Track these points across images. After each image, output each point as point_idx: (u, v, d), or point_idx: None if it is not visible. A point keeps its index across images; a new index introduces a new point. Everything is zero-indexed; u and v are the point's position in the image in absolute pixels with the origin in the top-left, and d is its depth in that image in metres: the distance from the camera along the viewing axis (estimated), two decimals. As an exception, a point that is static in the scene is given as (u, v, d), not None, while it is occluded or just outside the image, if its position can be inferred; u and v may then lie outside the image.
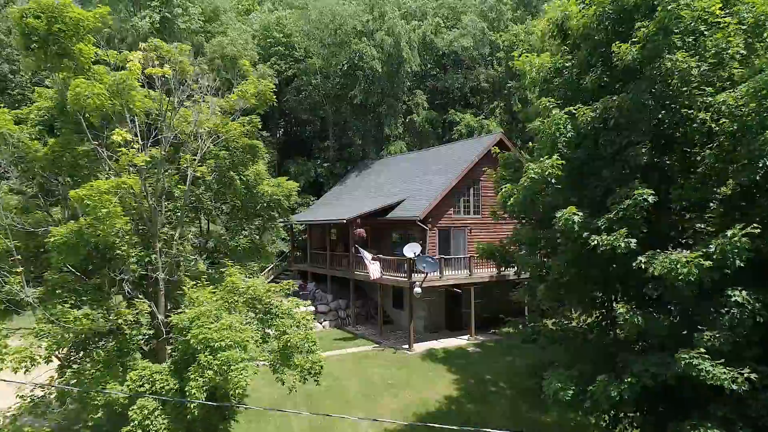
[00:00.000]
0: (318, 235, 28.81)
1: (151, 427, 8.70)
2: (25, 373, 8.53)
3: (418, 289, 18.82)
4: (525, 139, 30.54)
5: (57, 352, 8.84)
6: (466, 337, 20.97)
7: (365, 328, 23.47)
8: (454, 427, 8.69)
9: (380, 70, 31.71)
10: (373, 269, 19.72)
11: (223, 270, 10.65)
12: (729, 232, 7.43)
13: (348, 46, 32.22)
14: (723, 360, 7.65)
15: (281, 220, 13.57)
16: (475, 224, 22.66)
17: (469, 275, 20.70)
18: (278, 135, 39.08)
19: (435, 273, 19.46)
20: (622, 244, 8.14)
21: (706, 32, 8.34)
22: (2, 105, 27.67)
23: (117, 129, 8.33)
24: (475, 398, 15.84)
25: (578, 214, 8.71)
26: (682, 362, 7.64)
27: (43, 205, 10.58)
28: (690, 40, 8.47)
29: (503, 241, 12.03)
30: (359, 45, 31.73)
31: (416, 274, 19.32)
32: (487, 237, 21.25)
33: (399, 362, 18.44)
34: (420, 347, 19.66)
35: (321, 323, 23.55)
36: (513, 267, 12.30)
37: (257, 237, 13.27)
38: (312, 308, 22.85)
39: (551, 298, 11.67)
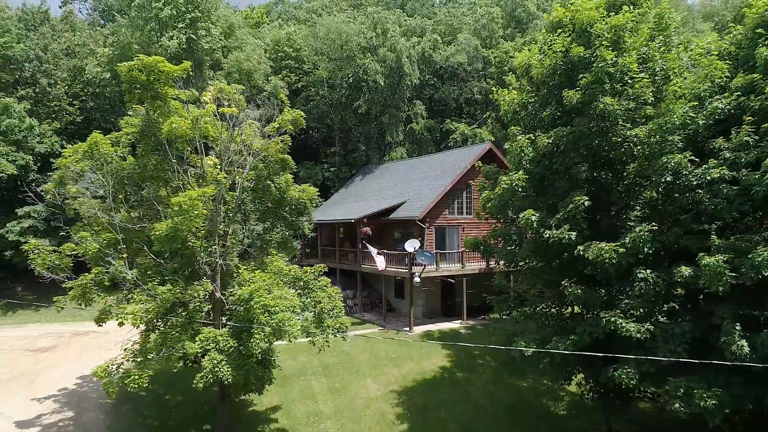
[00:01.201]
0: (327, 233, 31.85)
1: (219, 372, 11.73)
2: (134, 326, 11.56)
3: (417, 279, 21.90)
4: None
5: (147, 318, 11.85)
6: (458, 321, 24.06)
7: (371, 315, 26.53)
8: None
9: (383, 83, 34.76)
10: (380, 261, 22.79)
11: (266, 258, 13.70)
12: (638, 228, 10.54)
13: (353, 60, 35.27)
14: (635, 318, 10.77)
15: (305, 219, 16.53)
16: (467, 223, 25.75)
17: (462, 268, 23.78)
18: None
19: (432, 265, 22.53)
20: (566, 236, 11.23)
21: (628, 81, 11.45)
22: (42, 115, 30.58)
23: (209, 156, 11.38)
24: (464, 368, 18.95)
25: (536, 215, 11.81)
26: (605, 320, 10.73)
27: (126, 208, 13.59)
28: (618, 86, 11.58)
29: (485, 236, 15.08)
30: (364, 60, 34.78)
31: (416, 267, 22.37)
32: (478, 234, 24.30)
33: (401, 343, 21.50)
34: (419, 329, 22.74)
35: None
36: (493, 257, 15.36)
37: (287, 233, 16.32)
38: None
39: (526, 284, 14.90)
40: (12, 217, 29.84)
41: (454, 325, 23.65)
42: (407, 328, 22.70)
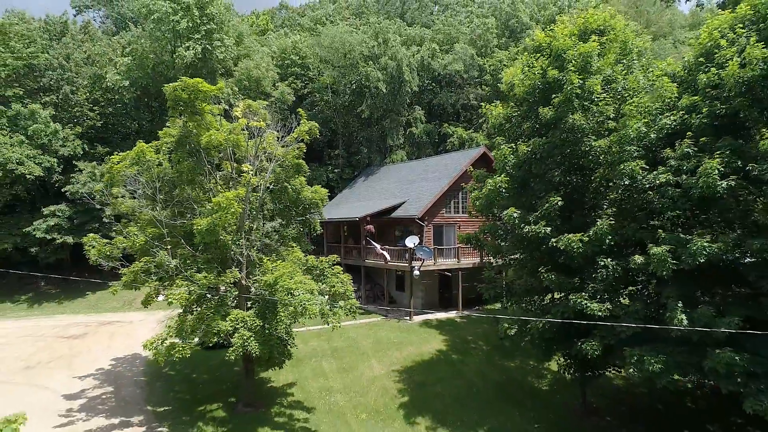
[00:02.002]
0: (332, 231, 33.94)
1: (248, 346, 13.81)
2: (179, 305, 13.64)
3: (416, 272, 24.02)
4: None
5: (189, 299, 13.94)
6: (455, 312, 26.18)
7: (374, 306, 28.63)
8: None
9: (384, 90, 36.87)
10: (383, 253, 24.90)
11: (286, 250, 15.80)
12: (598, 223, 12.66)
13: (356, 68, 37.38)
14: (599, 300, 12.88)
15: (317, 217, 18.60)
16: (462, 221, 27.87)
17: (458, 262, 25.89)
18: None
19: (430, 260, 24.65)
20: (542, 231, 13.35)
21: (594, 100, 13.56)
22: (64, 120, 32.60)
23: (237, 162, 13.47)
24: (459, 351, 21.07)
25: (517, 212, 13.93)
26: (573, 301, 12.84)
27: (163, 206, 15.68)
28: (586, 104, 13.69)
29: (476, 231, 17.18)
30: (366, 68, 36.89)
31: (415, 261, 24.47)
32: (472, 231, 26.42)
33: (402, 328, 23.65)
34: (418, 318, 24.87)
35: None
36: (483, 250, 17.47)
37: (301, 229, 18.41)
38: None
39: (514, 275, 17.02)
40: (37, 216, 31.88)
41: (451, 315, 25.78)
42: (407, 317, 24.82)
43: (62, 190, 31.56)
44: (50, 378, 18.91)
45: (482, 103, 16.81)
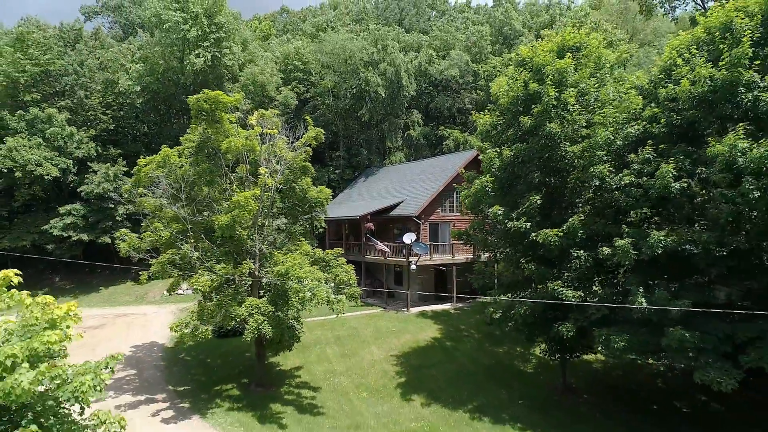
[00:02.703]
0: (333, 229, 35.65)
1: (263, 329, 15.51)
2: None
3: (413, 266, 25.77)
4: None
5: (211, 287, 15.64)
6: (449, 304, 27.92)
7: (373, 299, 30.34)
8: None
9: (383, 94, 38.62)
10: (383, 248, 26.66)
11: (294, 245, 17.53)
12: (570, 219, 14.41)
13: (356, 74, 39.11)
14: (573, 287, 14.62)
15: (322, 215, 20.32)
16: (456, 219, 29.61)
17: (452, 258, 27.63)
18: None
19: (426, 255, 26.38)
20: (523, 226, 15.10)
21: (568, 110, 15.30)
22: (78, 123, 34.21)
23: (261, 167, 15.21)
24: (452, 338, 22.81)
25: (501, 210, 15.68)
26: (550, 288, 14.59)
27: (184, 204, 17.38)
28: (562, 113, 15.43)
29: (467, 228, 18.94)
30: (366, 73, 38.63)
31: (412, 257, 26.20)
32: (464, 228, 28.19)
33: (400, 318, 25.39)
34: (415, 310, 26.61)
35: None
36: (473, 244, 19.21)
37: (307, 226, 20.12)
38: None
39: (503, 268, 18.79)
40: (53, 215, 33.56)
41: (445, 306, 27.52)
42: (405, 309, 26.56)
43: (78, 190, 33.23)
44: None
45: (472, 112, 18.54)
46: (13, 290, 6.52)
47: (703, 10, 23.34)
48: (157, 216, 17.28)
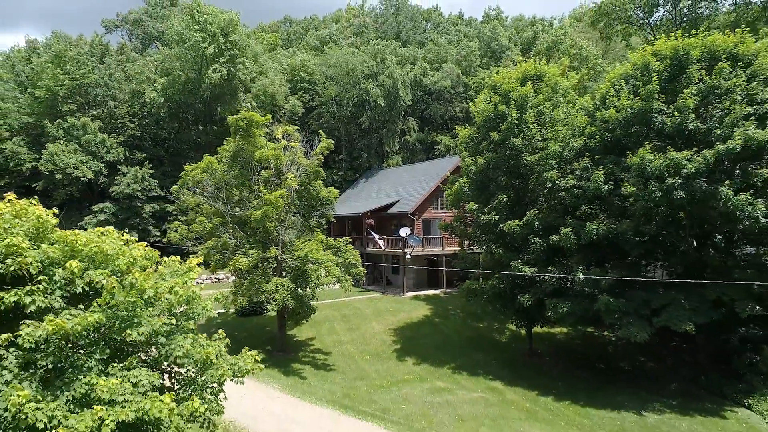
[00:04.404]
0: (337, 225, 39.64)
1: (287, 301, 19.53)
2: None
3: (408, 256, 29.84)
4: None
5: (247, 267, 19.62)
6: (440, 290, 32.01)
7: (374, 286, 34.43)
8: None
9: (382, 104, 42.65)
10: (381, 243, 30.73)
11: (310, 235, 21.59)
12: (528, 212, 18.53)
13: (357, 85, 43.14)
14: (531, 266, 18.72)
15: (331, 211, 24.37)
16: (446, 216, 33.63)
17: (442, 249, 31.71)
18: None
19: (419, 247, 30.44)
20: (493, 219, 19.20)
21: (528, 127, 19.39)
22: (108, 130, 38.22)
23: (289, 173, 19.24)
24: (440, 316, 26.91)
25: (476, 205, 19.79)
26: (513, 266, 18.69)
27: (222, 202, 21.40)
28: (524, 130, 19.51)
29: (451, 221, 23.04)
30: (366, 85, 42.66)
31: (408, 249, 30.24)
32: (454, 224, 32.25)
33: (396, 301, 29.47)
34: (410, 294, 30.69)
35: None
36: (456, 235, 23.32)
37: (318, 220, 24.15)
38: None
39: (484, 255, 22.91)
40: (86, 213, 37.51)
41: (436, 292, 31.62)
42: (401, 294, 30.65)
43: (109, 190, 37.21)
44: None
45: (456, 126, 22.65)
46: (165, 258, 10.33)
47: (653, 39, 27.50)
48: (198, 211, 21.28)
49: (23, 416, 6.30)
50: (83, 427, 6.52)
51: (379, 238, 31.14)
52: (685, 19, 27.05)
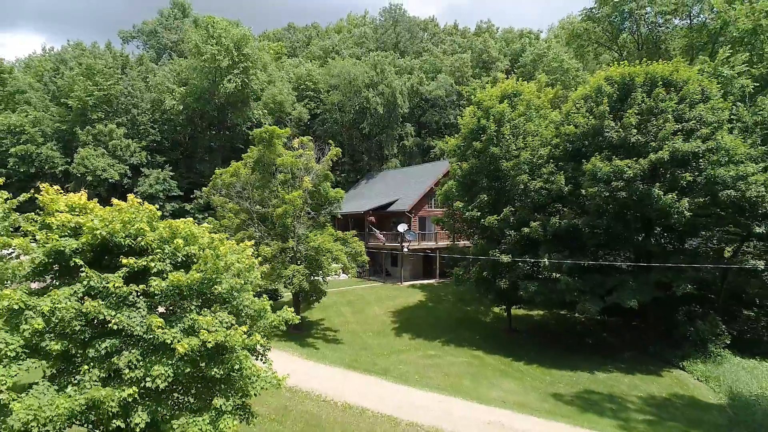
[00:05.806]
0: (341, 223, 43.34)
1: (302, 285, 23.22)
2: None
3: (406, 250, 33.58)
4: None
5: (270, 254, 23.28)
6: (434, 280, 35.74)
7: (374, 277, 38.16)
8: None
9: (381, 111, 46.36)
10: (381, 238, 34.47)
11: (321, 229, 25.29)
12: (504, 209, 22.29)
13: (359, 93, 46.85)
14: (508, 254, 22.46)
15: (337, 209, 28.04)
16: (440, 213, 37.29)
17: (436, 244, 35.44)
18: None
19: (416, 241, 34.16)
20: (476, 215, 22.94)
21: (505, 138, 23.12)
22: (132, 135, 42.05)
23: (305, 177, 22.94)
24: (434, 301, 30.65)
25: (462, 203, 23.52)
26: (491, 254, 22.42)
27: (250, 200, 25.05)
28: (501, 141, 23.23)
29: (442, 216, 26.75)
30: (367, 93, 46.36)
31: (405, 243, 33.96)
32: (447, 221, 35.98)
33: (395, 289, 33.19)
34: (407, 284, 34.43)
35: (348, 274, 38.19)
36: (446, 229, 27.05)
37: (328, 217, 27.83)
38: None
39: (472, 248, 26.66)
40: (112, 211, 41.12)
41: (431, 281, 35.36)
42: (399, 283, 34.38)
43: (134, 190, 40.87)
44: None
45: (445, 135, 26.38)
46: (227, 241, 14.00)
47: (620, 57, 31.28)
48: (225, 209, 24.97)
49: (158, 335, 10.01)
50: (194, 343, 10.26)
51: (380, 234, 34.86)
52: (647, 40, 30.79)
